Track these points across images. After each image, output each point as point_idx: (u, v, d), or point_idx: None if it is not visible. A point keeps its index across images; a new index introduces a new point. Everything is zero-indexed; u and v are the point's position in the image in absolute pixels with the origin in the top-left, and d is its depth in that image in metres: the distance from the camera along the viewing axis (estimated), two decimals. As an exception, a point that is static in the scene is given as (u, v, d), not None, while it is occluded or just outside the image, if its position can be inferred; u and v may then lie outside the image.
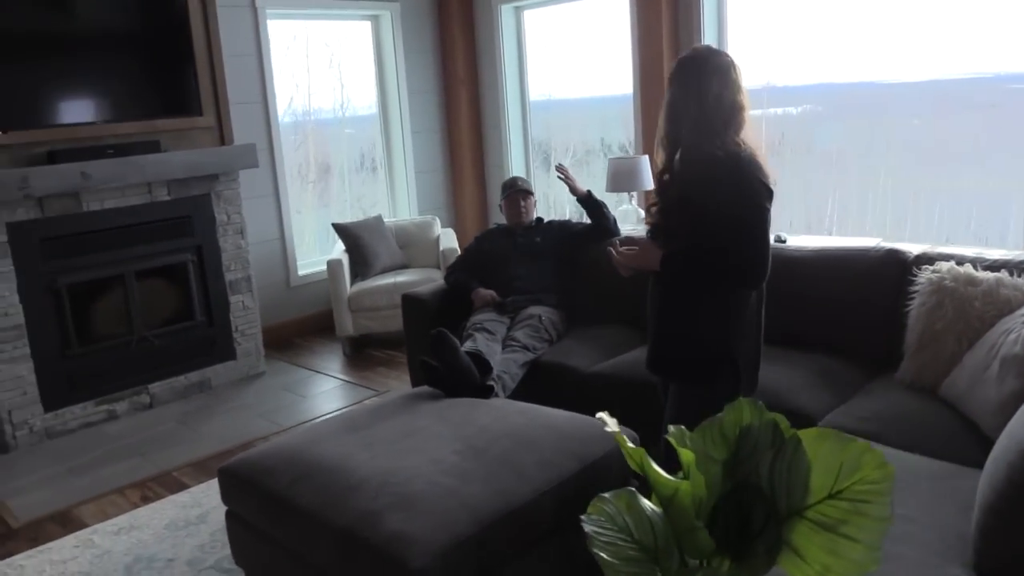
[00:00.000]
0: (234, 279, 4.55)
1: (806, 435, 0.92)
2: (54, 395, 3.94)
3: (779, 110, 4.66)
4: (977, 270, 2.64)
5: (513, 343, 3.26)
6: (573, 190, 3.62)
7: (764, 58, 4.56)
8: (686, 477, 0.94)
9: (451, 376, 2.78)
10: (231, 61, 4.83)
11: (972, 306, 2.55)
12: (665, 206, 2.25)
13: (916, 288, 2.71)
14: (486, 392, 2.84)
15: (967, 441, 2.25)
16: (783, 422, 0.95)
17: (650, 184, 4.66)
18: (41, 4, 3.80)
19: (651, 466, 0.94)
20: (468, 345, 3.11)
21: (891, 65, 4.11)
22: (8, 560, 2.89)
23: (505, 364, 3.11)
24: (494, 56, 5.85)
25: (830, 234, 4.62)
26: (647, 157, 4.35)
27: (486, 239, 3.89)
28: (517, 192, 3.82)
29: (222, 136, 4.43)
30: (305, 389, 4.46)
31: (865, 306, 2.91)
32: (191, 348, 4.42)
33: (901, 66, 4.07)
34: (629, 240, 2.29)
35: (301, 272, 5.41)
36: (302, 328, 5.41)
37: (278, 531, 2.30)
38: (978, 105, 4.04)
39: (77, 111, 3.96)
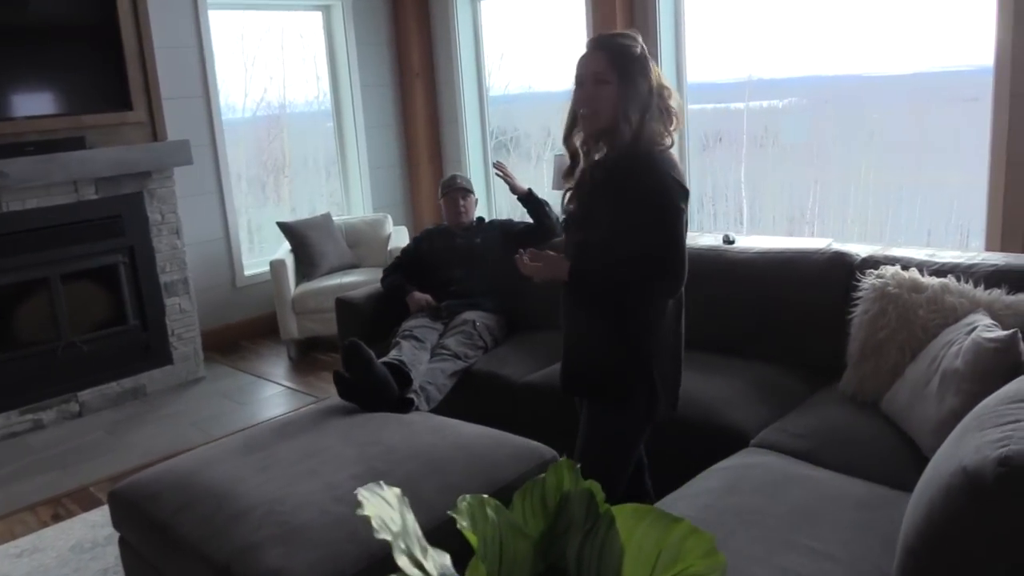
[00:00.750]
0: (170, 281, 4.36)
1: (621, 512, 0.76)
2: (-27, 405, 3.75)
3: (764, 103, 4.52)
4: (923, 275, 2.48)
5: (443, 351, 3.09)
6: (512, 188, 3.45)
7: (746, 50, 4.41)
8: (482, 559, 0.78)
9: (366, 390, 2.61)
10: (169, 53, 4.63)
11: (916, 314, 2.39)
12: (591, 194, 2.03)
13: (861, 294, 2.56)
14: (405, 406, 2.67)
15: (904, 462, 2.09)
16: (599, 493, 0.78)
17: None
18: (-48, -7, 3.60)
19: (404, 565, 0.77)
20: (392, 354, 2.94)
21: (874, 57, 3.99)
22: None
23: (431, 374, 2.94)
24: (450, 48, 5.66)
25: (812, 230, 4.49)
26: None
27: (424, 239, 3.71)
28: (455, 191, 3.64)
29: (155, 132, 4.23)
30: (244, 396, 4.27)
31: (810, 312, 2.76)
32: (124, 353, 4.23)
33: (884, 58, 3.95)
34: (536, 250, 2.11)
35: (249, 272, 5.22)
36: (249, 331, 5.22)
37: (162, 563, 2.12)
38: (960, 98, 3.93)
39: (-7, 106, 3.76)
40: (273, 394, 4.27)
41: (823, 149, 4.41)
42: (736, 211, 4.81)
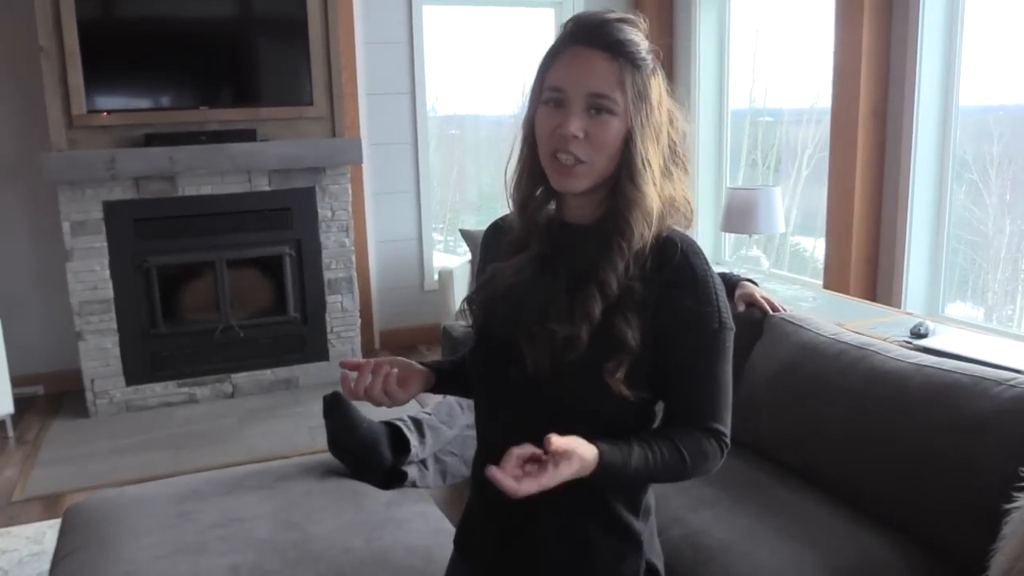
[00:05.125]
0: (334, 278, 4.32)
1: None
2: (136, 371, 4.03)
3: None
4: None
5: (493, 416, 2.56)
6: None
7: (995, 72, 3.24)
8: None
9: (345, 454, 2.22)
10: (377, 49, 4.62)
11: (1115, 534, 1.39)
12: (602, 296, 1.12)
13: (1035, 471, 1.58)
14: (396, 479, 2.22)
15: None
16: None
17: (778, 225, 3.58)
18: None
19: None
20: (422, 411, 2.50)
21: None
22: (-31, 537, 2.92)
23: (460, 443, 2.44)
24: (690, 54, 4.97)
25: None
26: (777, 190, 3.29)
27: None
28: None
29: (334, 127, 4.19)
30: (371, 409, 4.09)
31: (964, 473, 1.78)
32: (280, 344, 4.29)
33: None
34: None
35: (437, 276, 5.07)
36: (429, 336, 5.07)
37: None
38: None
39: (179, 96, 3.96)
40: (406, 410, 4.04)
41: None
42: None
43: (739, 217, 3.36)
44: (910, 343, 2.38)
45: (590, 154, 1.11)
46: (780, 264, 4.82)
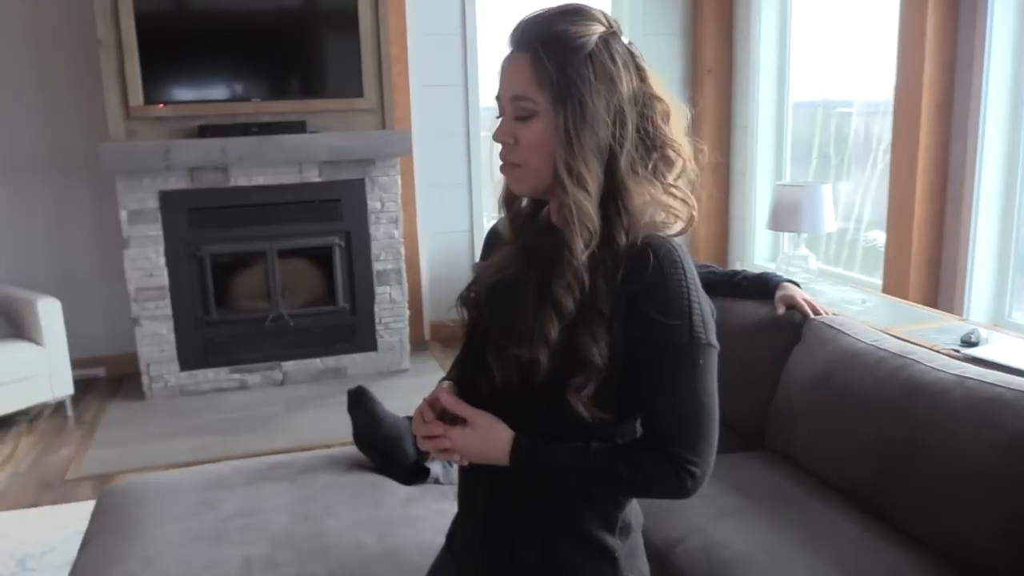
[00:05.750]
0: (383, 270, 4.36)
1: None
2: (190, 356, 4.14)
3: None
4: None
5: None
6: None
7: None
8: None
9: (369, 448, 2.22)
10: (431, 40, 4.62)
11: None
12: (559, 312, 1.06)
13: (1078, 497, 1.47)
14: (419, 474, 2.22)
15: None
16: None
17: (825, 223, 3.44)
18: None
19: None
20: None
21: None
22: (21, 511, 3.04)
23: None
24: (748, 43, 4.82)
25: None
26: (826, 187, 3.15)
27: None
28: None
29: (384, 119, 4.22)
30: (415, 400, 4.11)
31: (1004, 496, 1.68)
32: (329, 333, 4.35)
33: None
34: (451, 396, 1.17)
35: (488, 269, 5.06)
36: (479, 328, 5.07)
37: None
38: None
39: (232, 88, 4.05)
40: (448, 404, 4.05)
41: None
42: None
43: (786, 215, 3.24)
44: (959, 352, 2.25)
45: (521, 157, 1.09)
46: (851, 262, 4.62)
